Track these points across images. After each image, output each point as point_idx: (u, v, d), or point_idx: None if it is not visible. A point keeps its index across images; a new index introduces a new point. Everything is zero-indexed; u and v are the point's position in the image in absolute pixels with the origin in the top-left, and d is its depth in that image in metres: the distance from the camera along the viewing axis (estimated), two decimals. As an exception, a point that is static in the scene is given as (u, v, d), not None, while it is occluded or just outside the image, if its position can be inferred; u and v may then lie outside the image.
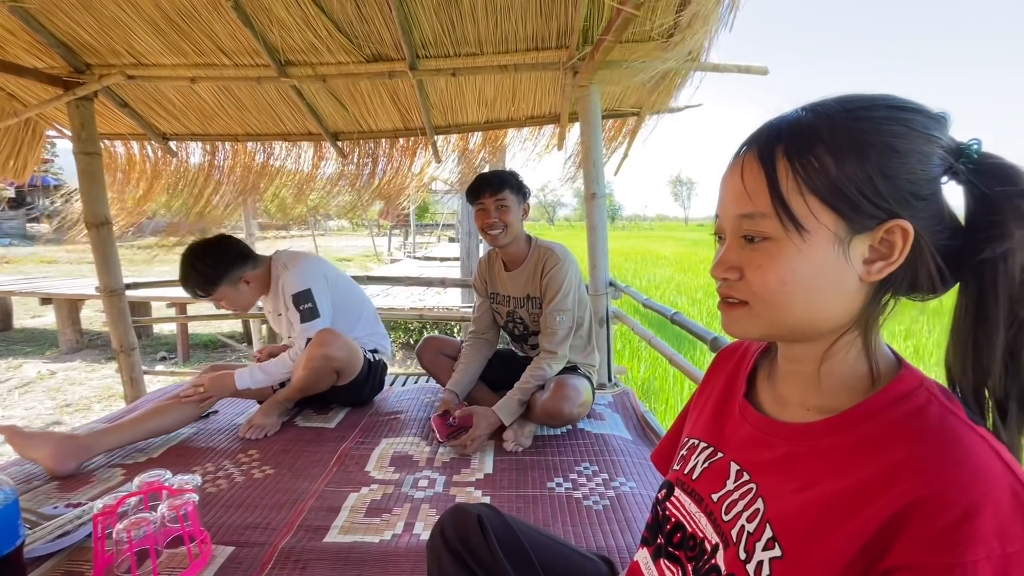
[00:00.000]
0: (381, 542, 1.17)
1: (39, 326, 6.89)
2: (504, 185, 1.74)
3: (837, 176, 0.43)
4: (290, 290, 1.84)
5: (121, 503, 1.10)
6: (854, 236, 0.44)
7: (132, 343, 2.69)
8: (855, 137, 0.43)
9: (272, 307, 1.98)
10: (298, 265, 1.88)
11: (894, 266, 0.44)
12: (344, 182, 3.34)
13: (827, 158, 0.43)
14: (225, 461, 1.58)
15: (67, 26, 2.23)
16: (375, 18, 2.15)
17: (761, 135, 0.48)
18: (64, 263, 12.83)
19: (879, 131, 0.43)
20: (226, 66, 2.44)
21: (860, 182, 0.43)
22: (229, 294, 1.83)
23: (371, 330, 2.10)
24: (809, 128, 0.45)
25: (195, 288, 1.79)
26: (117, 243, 2.67)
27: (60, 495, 1.37)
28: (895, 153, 0.42)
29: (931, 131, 0.43)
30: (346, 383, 1.90)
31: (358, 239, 24.99)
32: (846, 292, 0.45)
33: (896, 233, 0.43)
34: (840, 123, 0.44)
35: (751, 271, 0.47)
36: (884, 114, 0.44)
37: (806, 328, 0.48)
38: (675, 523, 0.58)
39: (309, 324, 1.83)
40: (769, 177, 0.45)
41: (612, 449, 1.63)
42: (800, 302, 0.46)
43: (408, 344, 5.80)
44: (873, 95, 0.45)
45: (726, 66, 2.29)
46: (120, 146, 3.20)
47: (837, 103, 0.45)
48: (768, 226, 0.46)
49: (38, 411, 3.96)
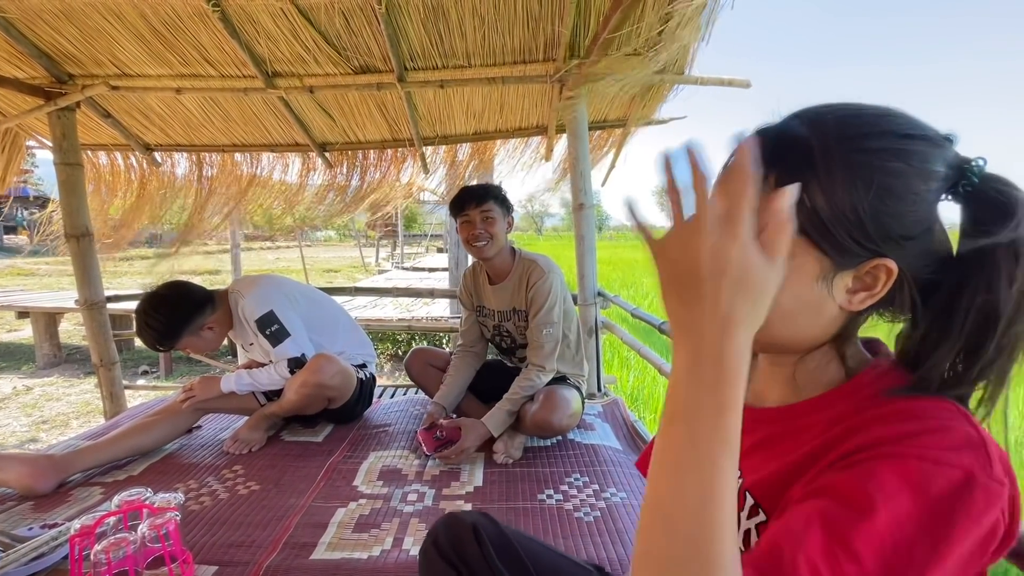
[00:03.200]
0: (370, 558, 1.15)
1: (15, 340, 6.71)
2: (488, 196, 1.74)
3: (828, 217, 0.42)
4: (251, 317, 1.78)
5: (99, 523, 1.06)
6: (838, 272, 0.44)
7: (113, 357, 2.63)
8: (851, 174, 0.41)
9: (242, 339, 1.92)
10: (254, 290, 1.82)
11: (876, 298, 0.44)
12: (332, 193, 3.33)
13: (819, 196, 0.41)
14: (209, 477, 1.54)
15: (49, 36, 2.20)
16: (363, 30, 2.16)
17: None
18: (43, 276, 12.55)
19: (876, 168, 0.41)
20: (212, 77, 2.42)
21: (850, 224, 0.41)
22: (193, 343, 1.77)
23: (352, 339, 2.06)
24: (804, 156, 0.42)
25: (155, 345, 1.72)
26: (98, 255, 2.62)
27: (35, 515, 1.33)
28: (889, 195, 0.41)
29: (931, 164, 0.42)
30: (338, 407, 1.88)
31: (345, 250, 24.83)
32: (826, 318, 0.46)
33: (881, 270, 0.43)
34: (837, 154, 0.41)
35: None
36: (887, 145, 0.41)
37: (784, 348, 0.49)
38: None
39: (282, 346, 1.77)
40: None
41: (602, 459, 1.63)
42: (779, 330, 0.45)
43: (396, 356, 5.75)
44: (875, 114, 0.43)
45: (709, 79, 2.34)
46: (103, 157, 3.16)
47: (836, 123, 0.43)
48: None
49: (13, 428, 3.84)
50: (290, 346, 1.78)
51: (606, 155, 3.05)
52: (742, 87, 2.44)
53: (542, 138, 2.98)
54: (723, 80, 2.38)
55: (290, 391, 1.75)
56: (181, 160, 3.19)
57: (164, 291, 1.76)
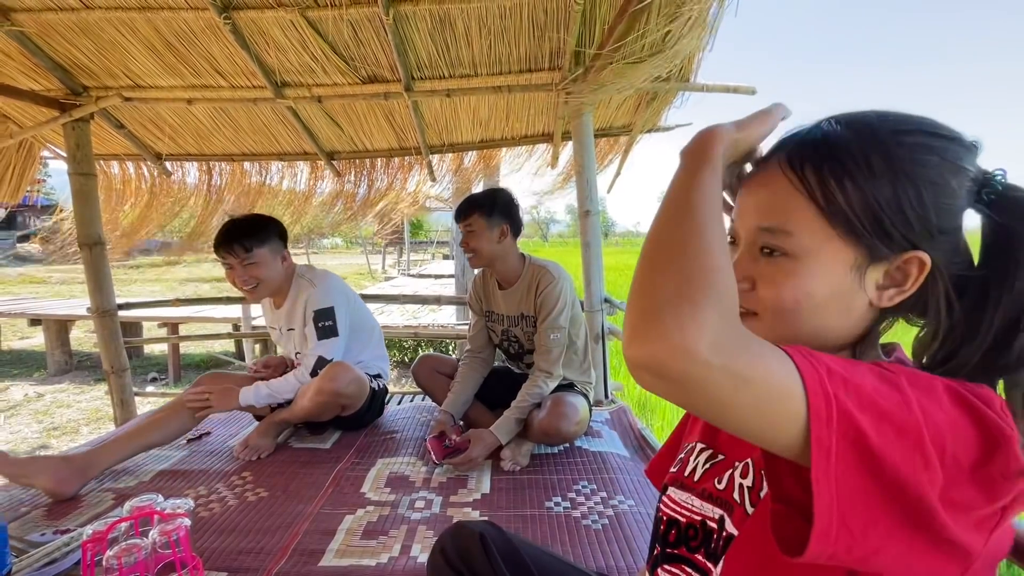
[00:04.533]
0: (378, 565, 1.15)
1: (27, 347, 6.79)
2: (471, 211, 1.73)
3: (868, 204, 0.43)
4: (314, 305, 1.81)
5: (111, 529, 1.07)
6: (872, 263, 0.44)
7: (124, 364, 2.66)
8: (890, 164, 0.42)
9: (284, 322, 1.92)
10: (325, 282, 1.87)
11: (906, 295, 0.44)
12: (340, 201, 3.36)
13: (861, 183, 0.43)
14: (218, 484, 1.55)
15: (65, 49, 2.25)
16: (371, 41, 2.19)
17: (794, 147, 0.46)
18: (54, 284, 12.71)
19: (914, 160, 0.42)
20: (223, 87, 2.46)
21: (889, 213, 0.42)
22: (266, 261, 1.77)
23: (377, 351, 2.09)
24: (846, 148, 0.44)
25: (240, 238, 1.72)
26: (110, 263, 2.66)
27: (48, 522, 1.34)
28: (926, 185, 0.42)
29: (962, 162, 0.43)
30: (349, 414, 1.89)
31: (352, 257, 24.96)
32: (855, 314, 0.46)
33: (913, 263, 0.43)
34: (877, 146, 0.43)
35: (765, 285, 0.47)
36: (920, 140, 0.43)
37: (810, 344, 0.49)
38: (667, 520, 0.57)
39: (326, 341, 1.80)
40: (801, 196, 0.45)
41: (610, 467, 1.62)
42: (809, 321, 0.46)
43: (403, 362, 5.76)
44: (910, 116, 0.45)
45: (714, 86, 2.35)
46: (116, 166, 3.21)
47: (877, 120, 0.45)
48: (790, 244, 0.45)
49: (24, 434, 3.88)
50: (331, 347, 1.81)
51: (612, 162, 3.07)
52: (747, 94, 2.44)
53: (548, 145, 3.00)
54: (728, 87, 2.38)
55: (304, 398, 1.76)
56: (191, 169, 3.24)
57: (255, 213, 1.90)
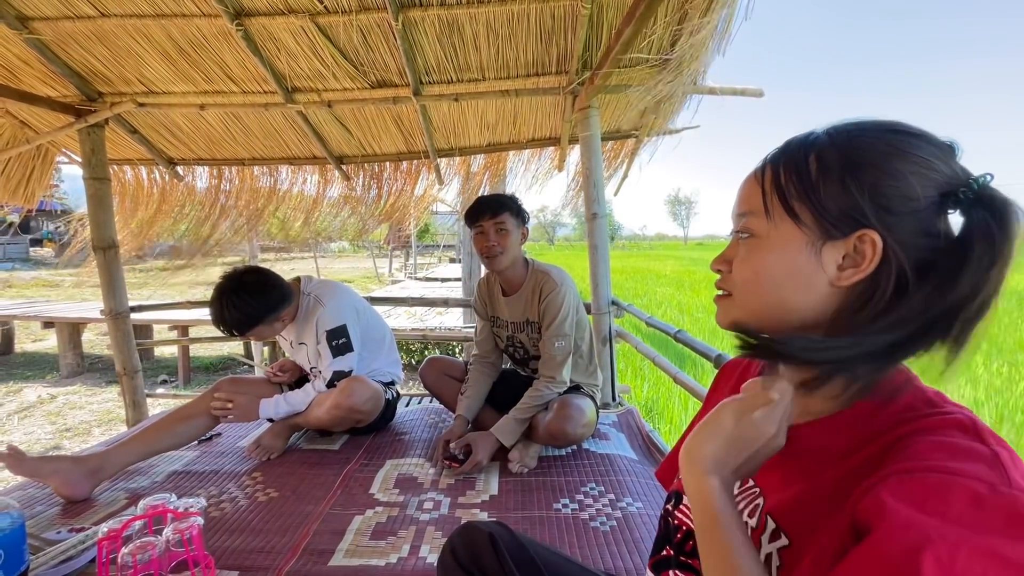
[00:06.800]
0: (387, 565, 1.16)
1: (40, 350, 6.88)
2: (503, 208, 1.73)
3: (816, 186, 0.47)
4: (325, 325, 1.79)
5: (126, 527, 1.09)
6: (826, 241, 0.47)
7: (136, 366, 2.69)
8: (841, 153, 0.47)
9: (294, 336, 1.92)
10: (333, 300, 1.83)
11: (863, 274, 0.46)
12: (348, 206, 3.39)
13: (812, 169, 0.48)
14: (229, 484, 1.57)
15: (81, 56, 2.30)
16: (380, 46, 2.22)
17: (774, 151, 0.52)
18: (67, 287, 12.87)
19: (863, 148, 0.46)
20: (234, 93, 2.50)
21: (835, 194, 0.46)
22: (262, 332, 1.76)
23: (390, 358, 2.08)
24: (809, 144, 0.49)
25: (231, 328, 1.68)
26: (123, 266, 2.70)
27: (63, 520, 1.36)
28: (872, 169, 0.45)
29: (916, 151, 0.46)
30: (362, 426, 1.90)
31: (359, 260, 25.09)
32: (815, 293, 0.48)
33: (867, 243, 0.45)
34: (835, 141, 0.48)
35: (737, 264, 0.53)
36: (876, 135, 0.47)
37: (774, 318, 0.51)
38: (686, 531, 0.59)
39: (341, 359, 1.80)
40: (764, 182, 0.51)
41: (618, 469, 1.62)
42: (769, 294, 0.50)
43: (410, 365, 5.78)
44: (882, 120, 0.49)
45: (722, 89, 2.35)
46: (129, 171, 3.26)
47: (849, 124, 0.49)
48: (753, 223, 0.51)
49: (37, 435, 3.93)
50: (347, 361, 1.80)
51: (619, 165, 3.07)
52: (755, 96, 2.44)
53: (555, 149, 3.01)
54: (736, 90, 2.39)
55: (321, 409, 1.76)
56: (202, 174, 3.28)
57: (249, 277, 1.70)
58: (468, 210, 1.78)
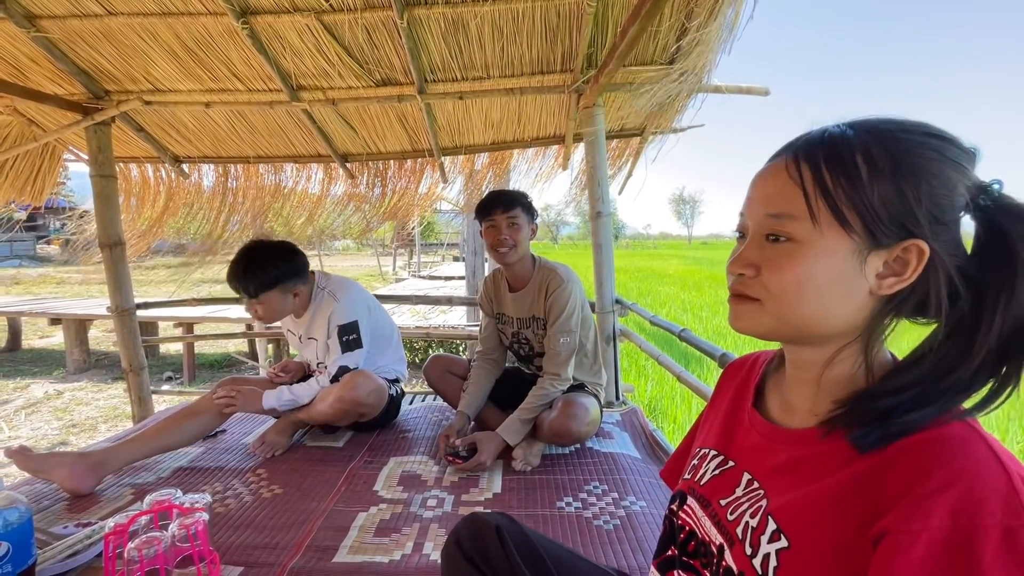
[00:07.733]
0: (391, 562, 1.16)
1: (47, 346, 6.93)
2: (515, 203, 1.74)
3: (869, 191, 0.45)
4: (337, 320, 1.80)
5: (132, 522, 1.10)
6: (873, 250, 0.45)
7: (142, 362, 2.71)
8: (891, 156, 0.44)
9: (304, 331, 1.93)
10: (348, 295, 1.85)
11: (905, 283, 0.45)
12: (353, 203, 3.39)
13: (863, 172, 0.45)
14: (234, 481, 1.58)
15: (88, 55, 2.31)
16: (385, 44, 2.22)
17: (802, 143, 0.49)
18: (73, 284, 12.97)
19: (914, 153, 0.44)
20: (240, 91, 2.51)
21: (889, 201, 0.44)
22: (274, 301, 1.75)
23: (396, 355, 2.09)
24: (850, 141, 0.46)
25: (248, 285, 1.68)
26: (129, 263, 2.71)
27: (70, 515, 1.38)
28: (926, 176, 0.44)
29: (961, 161, 0.45)
30: (366, 421, 1.90)
31: (363, 259, 25.14)
32: (854, 301, 0.47)
33: (912, 252, 0.44)
34: (879, 140, 0.45)
35: (769, 270, 0.49)
36: (921, 139, 0.45)
37: (811, 330, 0.49)
38: (688, 531, 0.59)
39: (350, 355, 1.81)
40: (805, 182, 0.47)
41: (621, 468, 1.62)
42: (810, 304, 0.47)
43: (414, 363, 5.79)
44: (911, 120, 0.47)
45: (728, 88, 2.34)
46: (135, 169, 3.28)
47: (879, 122, 0.47)
48: (794, 228, 0.47)
49: (44, 431, 3.96)
50: (356, 357, 1.82)
51: (624, 164, 3.06)
52: (761, 95, 2.43)
53: (559, 147, 3.00)
54: (742, 88, 2.38)
55: (324, 403, 1.77)
56: (208, 172, 3.30)
57: (275, 242, 1.76)
58: (480, 203, 1.78)
